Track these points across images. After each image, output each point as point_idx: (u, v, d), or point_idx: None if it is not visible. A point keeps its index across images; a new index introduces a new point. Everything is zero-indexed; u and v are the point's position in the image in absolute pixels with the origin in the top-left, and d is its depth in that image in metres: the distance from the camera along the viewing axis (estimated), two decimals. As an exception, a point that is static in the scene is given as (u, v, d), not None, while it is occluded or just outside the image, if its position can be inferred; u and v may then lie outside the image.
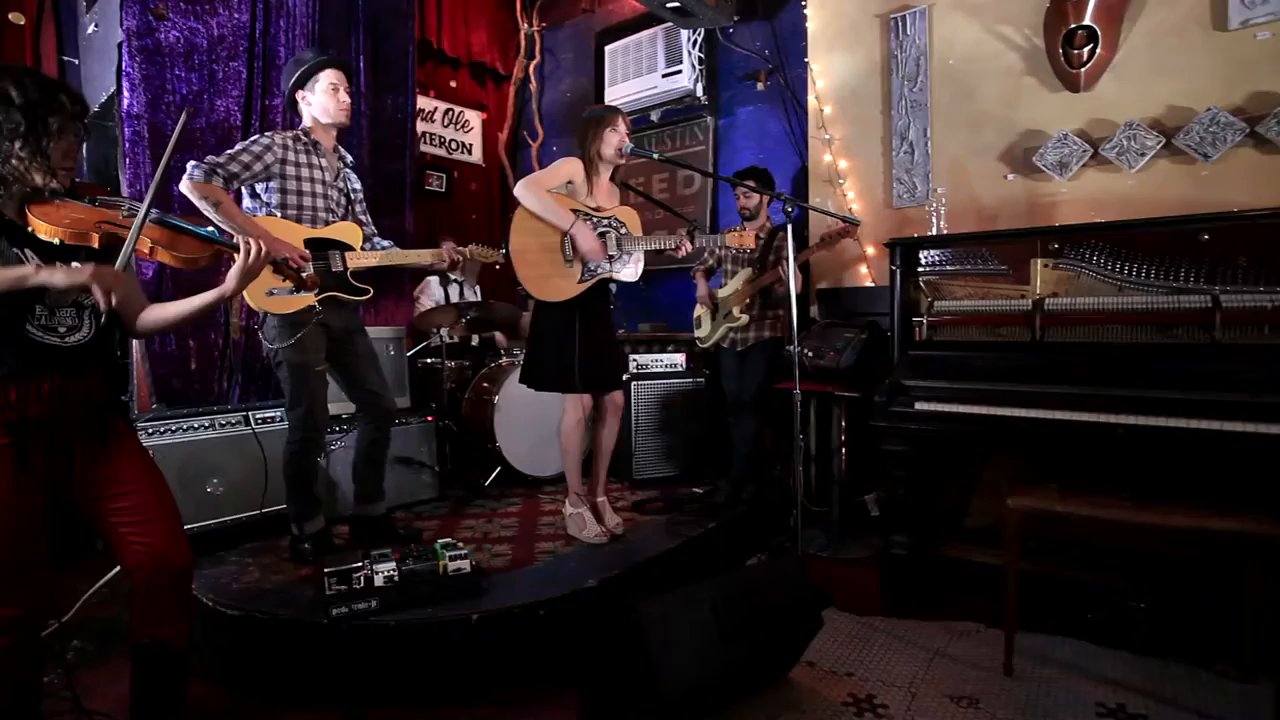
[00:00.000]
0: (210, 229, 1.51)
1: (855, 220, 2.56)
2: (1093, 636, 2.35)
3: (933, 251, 2.85)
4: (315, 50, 2.47)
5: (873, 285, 3.45)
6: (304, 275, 1.54)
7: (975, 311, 2.71)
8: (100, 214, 1.43)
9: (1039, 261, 2.61)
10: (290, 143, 2.38)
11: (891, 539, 2.78)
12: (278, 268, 1.51)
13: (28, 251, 1.42)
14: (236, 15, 3.06)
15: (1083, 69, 2.84)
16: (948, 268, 2.83)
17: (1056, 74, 2.93)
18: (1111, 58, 2.81)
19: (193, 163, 2.19)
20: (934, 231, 3.16)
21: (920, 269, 2.88)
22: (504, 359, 3.91)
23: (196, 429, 2.71)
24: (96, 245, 1.43)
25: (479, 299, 4.41)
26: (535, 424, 3.59)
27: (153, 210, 1.46)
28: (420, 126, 4.76)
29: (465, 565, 2.25)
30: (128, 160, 2.82)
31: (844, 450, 3.29)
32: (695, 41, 4.20)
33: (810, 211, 3.63)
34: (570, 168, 2.66)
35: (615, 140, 2.65)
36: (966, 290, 2.78)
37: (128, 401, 2.78)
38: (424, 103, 4.82)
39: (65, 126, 1.41)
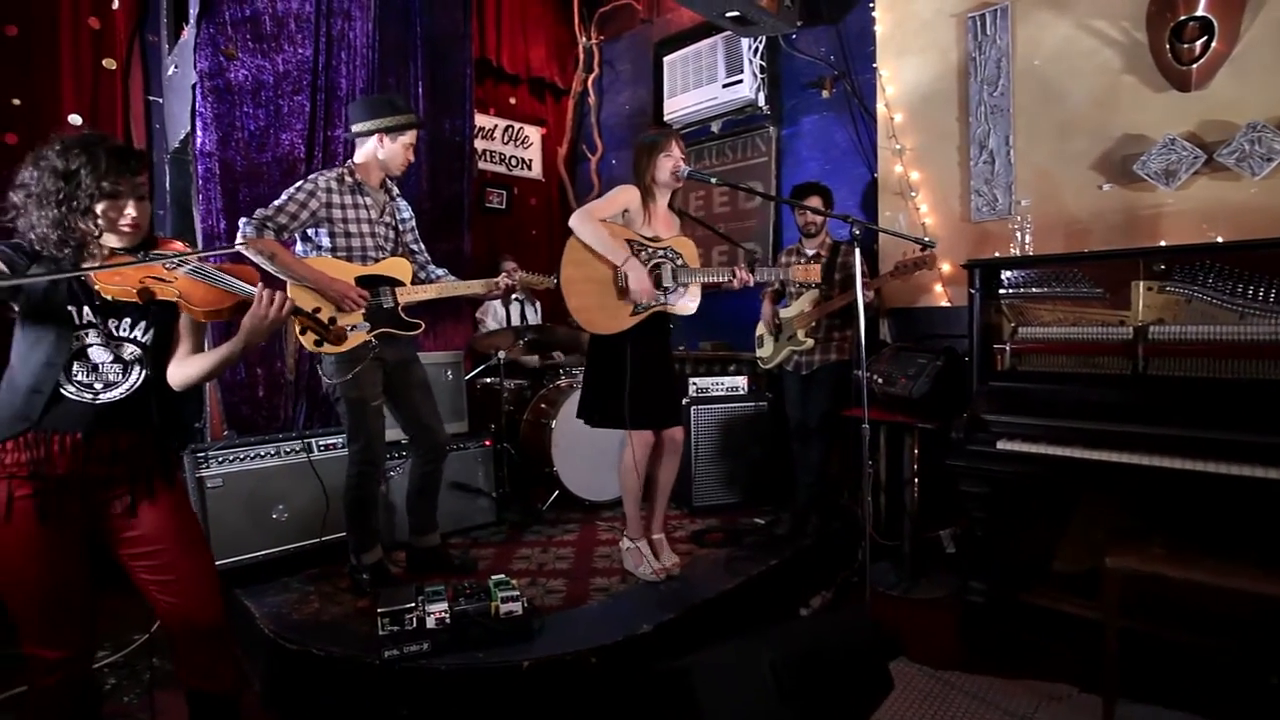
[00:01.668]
0: (231, 278, 1.48)
1: (930, 243, 2.37)
2: (1209, 711, 2.08)
3: (1017, 271, 2.62)
4: (405, 101, 2.51)
5: (948, 305, 3.22)
6: (330, 328, 1.48)
7: (1066, 339, 2.46)
8: (145, 268, 1.45)
9: (1142, 284, 2.34)
10: (335, 184, 2.40)
11: (969, 584, 2.57)
12: (301, 319, 1.47)
13: (85, 310, 1.45)
14: (300, 51, 3.13)
15: (1194, 65, 2.54)
16: (1033, 290, 2.59)
17: (1162, 71, 2.64)
18: (1229, 52, 2.50)
19: (244, 220, 2.24)
20: (1017, 248, 2.92)
21: (1002, 290, 2.65)
22: (562, 379, 3.87)
23: (263, 456, 2.79)
24: (138, 300, 1.43)
25: (540, 318, 4.41)
26: (592, 448, 3.54)
27: (194, 261, 1.47)
28: (480, 144, 4.81)
29: (517, 607, 2.21)
30: (201, 196, 2.94)
31: (916, 481, 3.09)
32: (756, 49, 4.05)
33: (881, 225, 3.42)
34: (626, 196, 2.58)
35: (670, 165, 2.56)
36: (1055, 315, 2.53)
37: (178, 453, 2.88)
38: (483, 120, 4.85)
39: (116, 188, 1.42)
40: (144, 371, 1.50)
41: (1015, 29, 3.01)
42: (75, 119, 3.36)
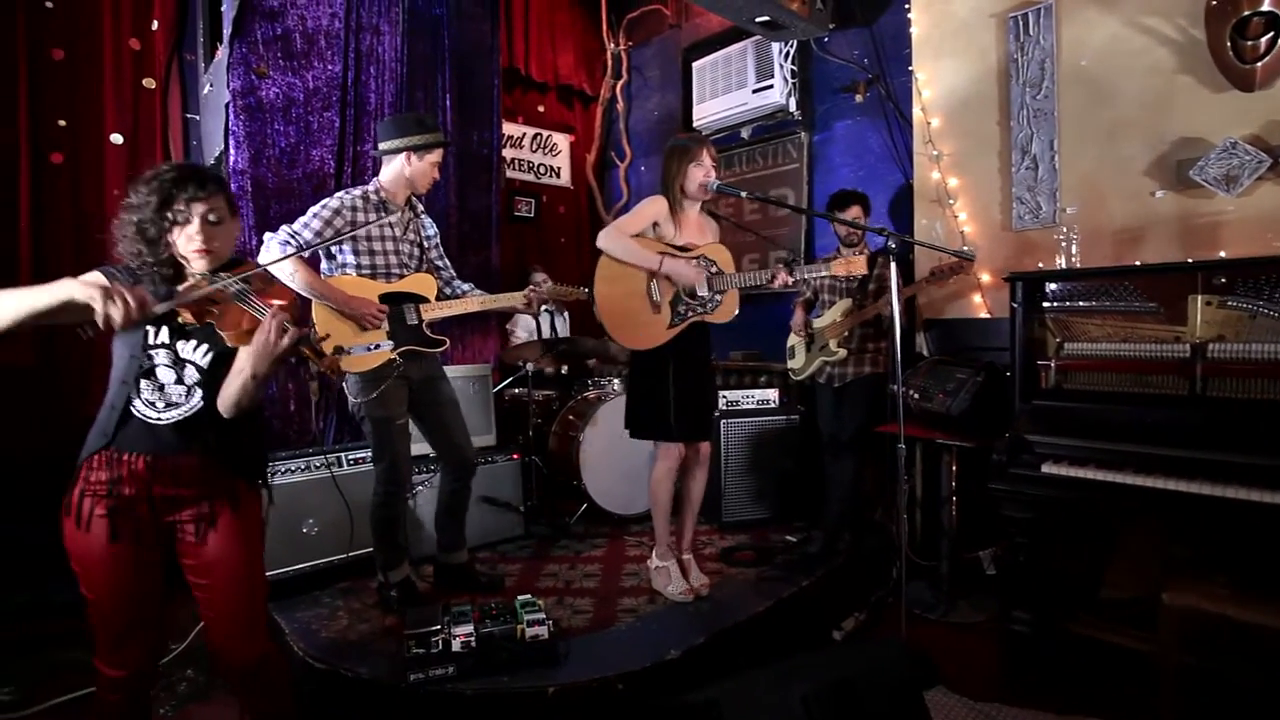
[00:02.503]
0: (255, 300, 1.47)
1: (970, 255, 2.27)
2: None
3: (1063, 283, 2.49)
4: (433, 119, 2.50)
5: (988, 317, 3.10)
6: (324, 356, 1.46)
7: (1116, 356, 2.33)
8: (208, 290, 1.46)
9: (1200, 298, 2.20)
10: (360, 203, 2.40)
11: (1012, 613, 2.46)
12: (301, 345, 1.42)
13: (160, 330, 1.50)
14: (330, 67, 3.16)
15: (1258, 63, 2.39)
16: (1080, 303, 2.46)
17: (1221, 70, 2.48)
18: (1295, 49, 2.35)
19: (269, 235, 2.26)
20: (1062, 258, 2.78)
21: (1046, 304, 2.53)
22: (591, 391, 3.84)
23: (292, 471, 2.81)
24: (195, 322, 1.47)
25: (568, 329, 4.39)
26: (621, 461, 3.51)
27: (232, 282, 1.47)
28: (508, 153, 4.81)
29: (543, 631, 2.18)
30: (234, 215, 2.97)
31: (954, 499, 2.97)
32: (787, 53, 3.96)
33: (918, 235, 3.31)
34: (654, 208, 2.53)
35: (699, 175, 2.50)
36: (1104, 330, 2.41)
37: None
38: (512, 129, 4.86)
39: (181, 216, 1.45)
40: (203, 395, 1.52)
41: (1059, 28, 2.88)
42: (117, 138, 3.44)
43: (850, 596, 2.99)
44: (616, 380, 3.96)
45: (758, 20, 3.46)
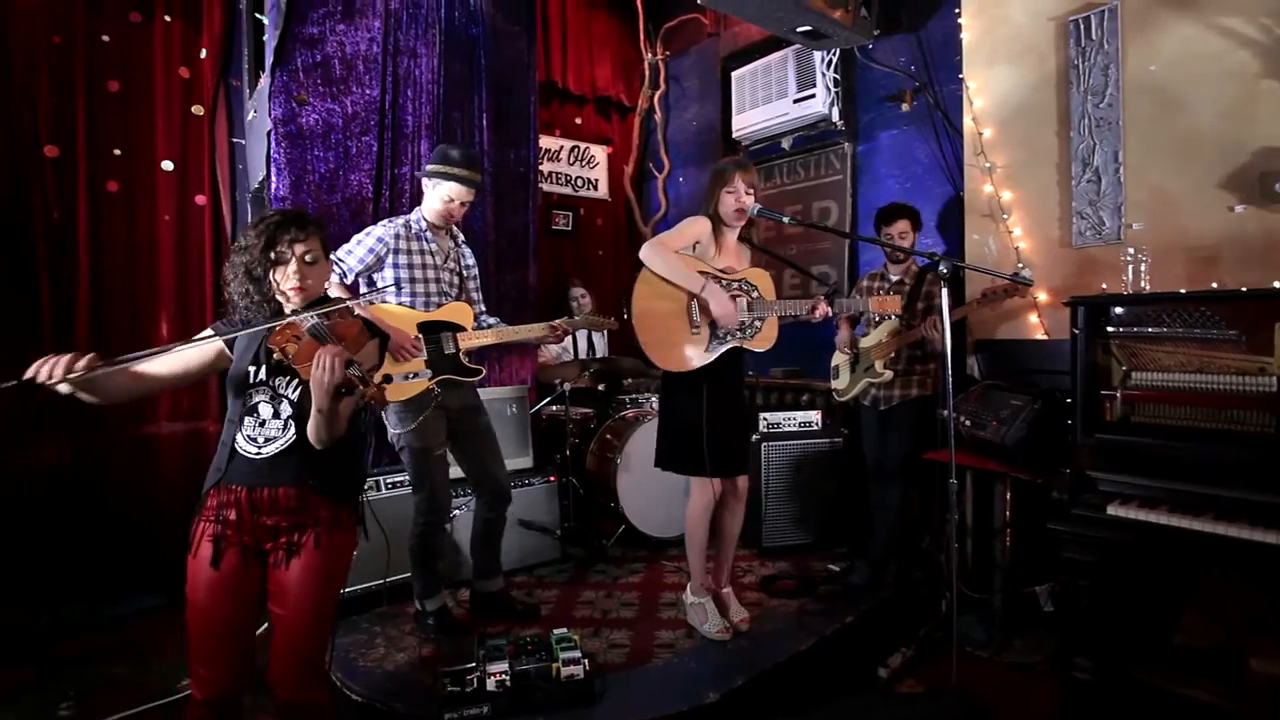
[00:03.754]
0: (331, 338, 1.55)
1: (1027, 280, 2.14)
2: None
3: (1130, 307, 2.33)
4: (461, 153, 2.49)
5: (1045, 338, 2.93)
6: (370, 385, 1.48)
7: (1191, 388, 2.15)
8: (291, 326, 1.54)
9: (1289, 326, 2.02)
10: (401, 231, 2.41)
11: (1074, 659, 2.31)
12: (351, 374, 1.46)
13: (261, 368, 1.60)
14: (368, 92, 3.18)
15: (1350, 68, 2.19)
16: (1149, 329, 2.29)
17: (1309, 76, 2.29)
18: (1396, 51, 2.14)
19: None
20: (1128, 277, 2.60)
21: (1111, 328, 2.36)
22: (629, 410, 3.79)
23: (334, 496, 2.82)
24: (283, 358, 1.55)
25: (606, 348, 4.35)
26: (658, 483, 3.43)
27: (308, 316, 1.55)
28: (545, 167, 4.80)
29: (579, 670, 2.14)
30: (276, 241, 3.02)
31: (1008, 531, 2.82)
32: (830, 62, 3.84)
33: (969, 251, 3.16)
34: (697, 228, 2.46)
35: (732, 202, 2.42)
36: (1176, 358, 2.23)
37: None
38: (549, 142, 4.84)
39: (278, 256, 1.55)
40: (296, 428, 1.57)
41: (1125, 32, 2.70)
42: (167, 165, 3.54)
43: (896, 631, 2.86)
44: (655, 398, 3.90)
45: (799, 30, 3.35)
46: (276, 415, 1.58)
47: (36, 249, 3.19)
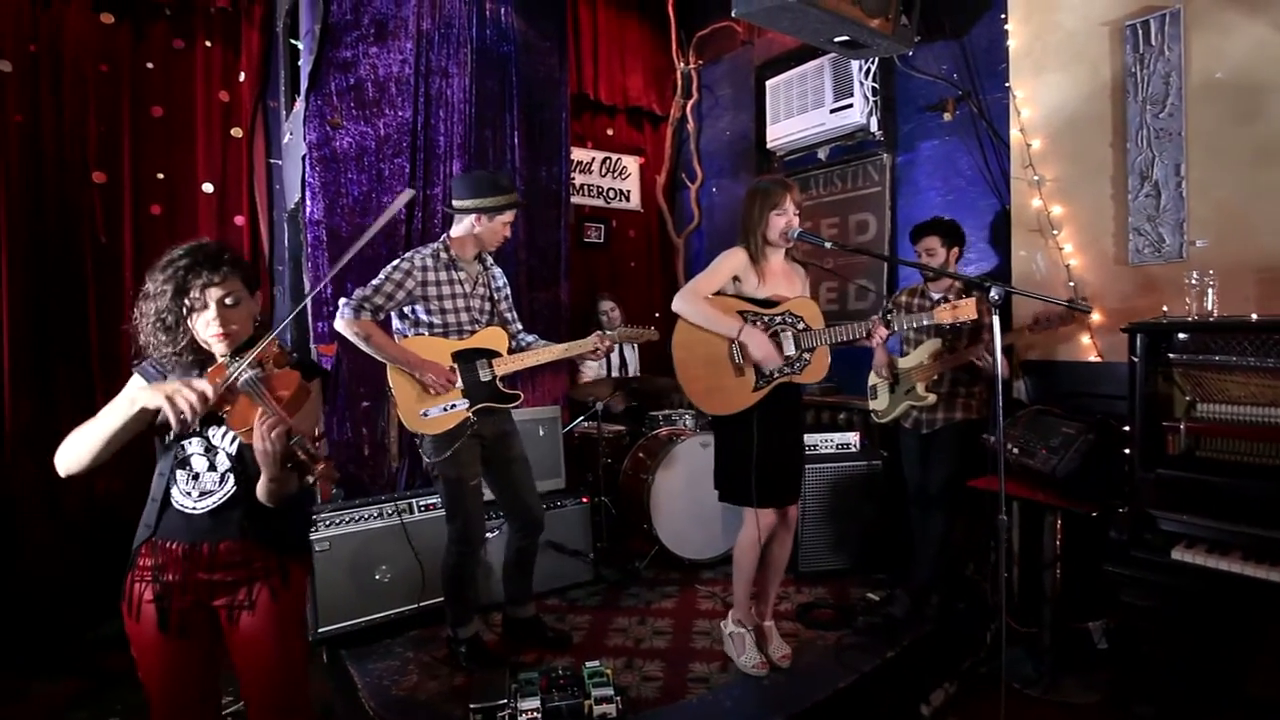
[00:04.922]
0: (262, 388, 1.40)
1: (1085, 308, 2.03)
2: None
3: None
4: (508, 179, 2.48)
5: (1098, 360, 2.79)
6: (318, 463, 1.35)
7: (1265, 422, 2.02)
8: (218, 371, 1.41)
9: (1373, 358, 1.88)
10: (430, 261, 2.39)
11: (1134, 707, 2.18)
12: (296, 449, 1.34)
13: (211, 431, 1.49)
14: (400, 113, 3.19)
15: None
16: (1215, 357, 2.14)
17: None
18: None
19: (343, 300, 2.27)
20: (1191, 299, 2.45)
21: (1174, 354, 2.22)
22: (662, 428, 3.74)
23: (366, 519, 2.84)
24: (216, 408, 1.40)
25: (639, 365, 4.31)
26: (693, 504, 3.39)
27: (242, 370, 1.39)
28: (577, 179, 4.77)
29: (611, 709, 2.12)
30: (310, 264, 3.05)
31: (1059, 563, 2.69)
32: (868, 70, 3.72)
33: (1015, 268, 3.03)
34: (731, 263, 2.38)
35: (782, 224, 2.35)
36: (1248, 389, 2.08)
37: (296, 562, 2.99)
38: (580, 154, 4.81)
39: (194, 303, 1.43)
40: (235, 480, 1.48)
41: (1188, 36, 2.55)
42: (208, 187, 3.61)
43: (939, 665, 2.76)
44: (689, 416, 3.84)
45: (836, 40, 3.25)
46: (213, 468, 1.49)
47: (85, 271, 3.29)
